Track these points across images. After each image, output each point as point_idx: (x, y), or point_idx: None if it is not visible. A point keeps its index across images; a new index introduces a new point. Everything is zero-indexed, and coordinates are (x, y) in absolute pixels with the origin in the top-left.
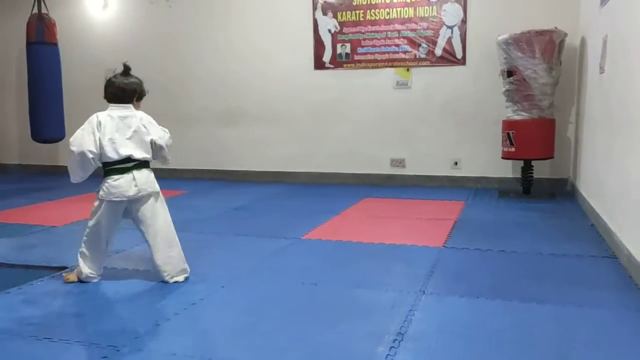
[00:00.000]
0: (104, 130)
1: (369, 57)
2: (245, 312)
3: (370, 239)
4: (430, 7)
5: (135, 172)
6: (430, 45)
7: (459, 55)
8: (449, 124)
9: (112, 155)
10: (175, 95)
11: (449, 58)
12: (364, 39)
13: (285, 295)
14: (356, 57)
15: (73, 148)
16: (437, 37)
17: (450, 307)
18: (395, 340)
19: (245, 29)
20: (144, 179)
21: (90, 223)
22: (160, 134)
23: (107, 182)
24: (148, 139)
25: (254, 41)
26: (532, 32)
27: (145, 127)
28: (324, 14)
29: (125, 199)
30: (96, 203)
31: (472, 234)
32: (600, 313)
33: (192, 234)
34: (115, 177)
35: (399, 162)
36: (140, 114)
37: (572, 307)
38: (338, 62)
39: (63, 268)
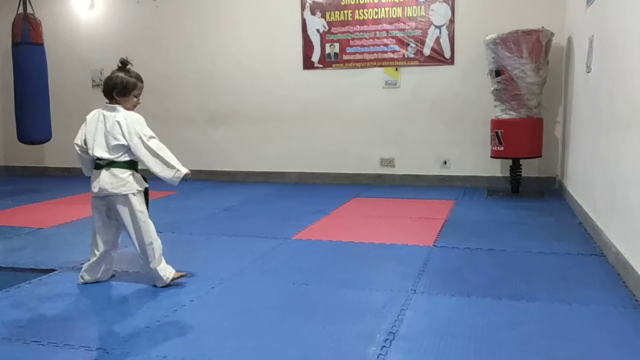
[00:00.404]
0: (87, 127)
1: (358, 56)
2: (236, 313)
3: (360, 239)
4: (419, 7)
5: (104, 171)
6: (419, 45)
7: (448, 54)
8: (438, 123)
9: (90, 152)
10: (163, 95)
11: (438, 58)
12: (353, 39)
13: (276, 296)
14: (345, 57)
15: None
16: (426, 37)
17: (440, 306)
18: (387, 339)
19: (233, 29)
20: (109, 179)
21: None
22: (134, 139)
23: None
24: (121, 139)
25: (242, 41)
26: (520, 32)
27: (120, 127)
28: (313, 13)
29: (93, 195)
30: None
31: (461, 233)
32: (588, 310)
33: (181, 235)
34: (95, 172)
35: (388, 162)
36: (124, 113)
37: (561, 305)
38: (327, 62)
39: (51, 271)
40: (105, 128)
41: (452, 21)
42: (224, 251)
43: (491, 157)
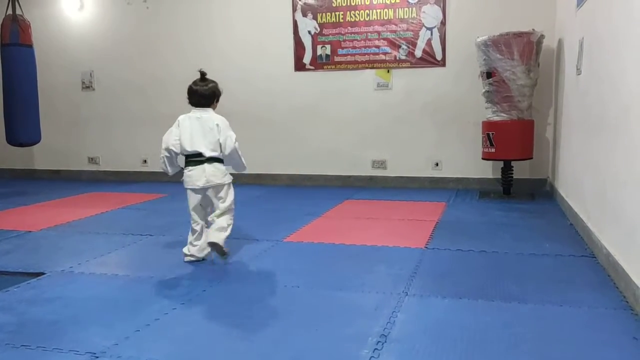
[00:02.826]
0: (182, 129)
1: (349, 58)
2: (226, 315)
3: (352, 241)
4: (410, 8)
5: (207, 166)
6: (410, 46)
7: (439, 56)
8: (430, 125)
9: (187, 149)
10: (153, 96)
11: (429, 59)
12: (344, 41)
13: (268, 298)
14: (336, 59)
15: (162, 145)
16: (417, 39)
17: (433, 308)
18: (379, 342)
19: (224, 31)
20: (214, 172)
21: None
22: (226, 139)
23: (185, 172)
24: (218, 139)
25: (233, 43)
26: (511, 34)
27: (218, 128)
28: (304, 15)
29: (196, 187)
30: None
31: (453, 235)
32: (579, 312)
33: (172, 237)
34: (190, 168)
35: (380, 164)
36: (217, 117)
37: (552, 306)
38: (318, 63)
39: (40, 274)
40: (203, 128)
41: (443, 23)
42: (214, 253)
43: (482, 158)
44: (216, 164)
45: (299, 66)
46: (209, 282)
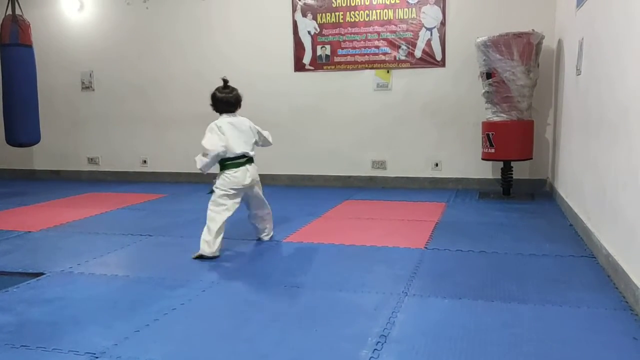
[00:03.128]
0: (227, 134)
1: (349, 58)
2: (226, 316)
3: (352, 241)
4: (410, 9)
5: (249, 165)
6: (410, 47)
7: (439, 57)
8: (430, 125)
9: (237, 151)
10: (153, 97)
11: (429, 60)
12: (344, 41)
13: (267, 299)
14: (336, 59)
15: (210, 149)
16: (417, 39)
17: (432, 308)
18: (379, 342)
19: (224, 31)
20: (254, 170)
21: (215, 208)
22: (267, 137)
23: (227, 174)
24: (254, 139)
25: (233, 43)
26: (510, 35)
27: (251, 129)
28: (304, 15)
29: (242, 187)
30: (221, 192)
31: (453, 235)
32: (579, 312)
33: (171, 238)
34: (233, 170)
35: (380, 164)
36: (245, 119)
37: (552, 307)
38: (318, 64)
39: (40, 274)
40: (240, 131)
41: (443, 23)
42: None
43: (482, 159)
44: (253, 163)
45: (299, 66)
46: (208, 282)
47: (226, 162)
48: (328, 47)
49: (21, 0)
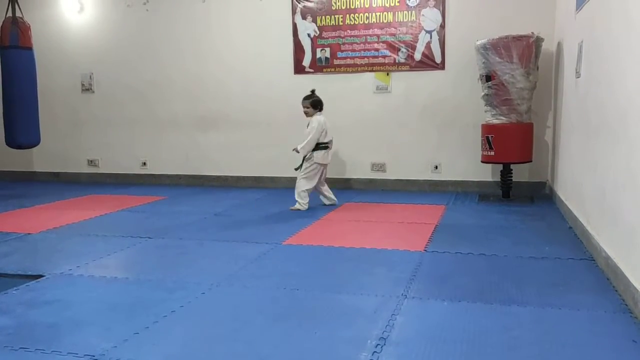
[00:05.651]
0: (324, 126)
1: (349, 61)
2: (226, 318)
3: (351, 244)
4: (409, 12)
5: (329, 149)
6: (410, 49)
7: (438, 59)
8: (429, 128)
9: (326, 139)
10: (153, 99)
11: (428, 63)
12: (344, 44)
13: (267, 301)
14: (336, 62)
15: (318, 135)
16: (416, 42)
17: (432, 311)
18: (378, 345)
19: (224, 34)
20: (330, 152)
21: (307, 177)
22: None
23: (318, 153)
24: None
25: (233, 45)
26: (510, 37)
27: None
28: (304, 18)
29: (326, 163)
30: (312, 166)
31: (453, 238)
32: (579, 315)
33: (171, 240)
34: (323, 151)
35: (379, 167)
36: (324, 117)
37: (552, 309)
38: (318, 66)
39: (39, 277)
40: (328, 125)
41: (442, 26)
42: (214, 256)
43: (482, 162)
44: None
45: (299, 69)
46: (208, 285)
47: (320, 145)
48: (328, 49)
49: (21, 2)
